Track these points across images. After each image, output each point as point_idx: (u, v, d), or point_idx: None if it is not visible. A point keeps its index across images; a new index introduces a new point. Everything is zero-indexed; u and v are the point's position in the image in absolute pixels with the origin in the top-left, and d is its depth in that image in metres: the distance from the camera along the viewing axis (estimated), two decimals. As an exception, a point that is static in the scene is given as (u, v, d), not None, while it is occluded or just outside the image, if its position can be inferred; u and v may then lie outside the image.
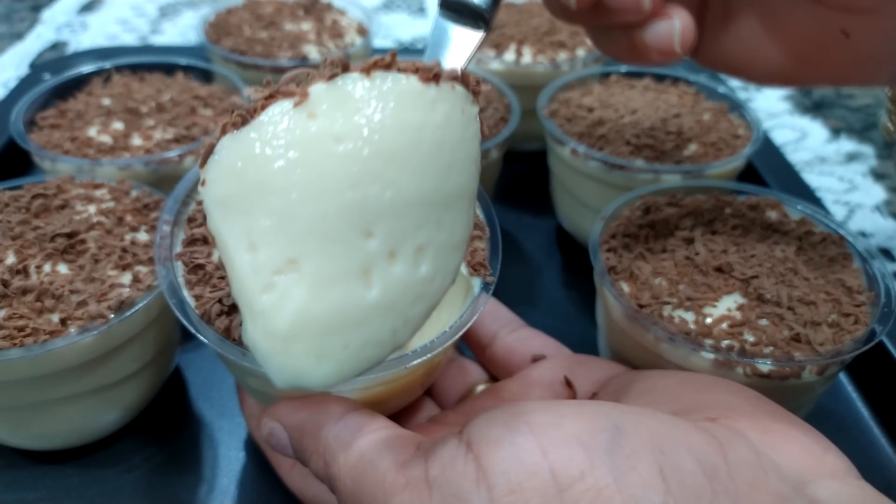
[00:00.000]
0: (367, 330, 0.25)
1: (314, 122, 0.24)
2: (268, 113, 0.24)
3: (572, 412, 0.27)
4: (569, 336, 0.43)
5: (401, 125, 0.24)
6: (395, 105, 0.24)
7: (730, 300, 0.41)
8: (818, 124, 0.87)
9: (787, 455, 0.27)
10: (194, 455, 0.45)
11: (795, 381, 0.38)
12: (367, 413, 0.31)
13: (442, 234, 0.26)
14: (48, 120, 0.58)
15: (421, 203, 0.25)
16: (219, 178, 0.25)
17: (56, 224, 0.42)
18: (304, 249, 0.24)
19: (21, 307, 0.37)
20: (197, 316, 0.32)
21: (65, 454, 0.44)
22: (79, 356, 0.38)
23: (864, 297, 0.41)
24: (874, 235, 0.68)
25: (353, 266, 0.24)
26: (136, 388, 0.44)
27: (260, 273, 0.24)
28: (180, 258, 0.34)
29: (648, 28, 0.38)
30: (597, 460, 0.24)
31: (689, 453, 0.25)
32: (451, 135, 0.26)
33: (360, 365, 0.26)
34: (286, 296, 0.24)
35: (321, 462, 0.30)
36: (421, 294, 0.26)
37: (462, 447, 0.26)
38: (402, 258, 0.25)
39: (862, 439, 0.47)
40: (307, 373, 0.25)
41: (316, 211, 0.24)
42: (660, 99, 0.62)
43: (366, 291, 0.25)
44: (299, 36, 0.73)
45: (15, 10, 1.09)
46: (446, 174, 0.26)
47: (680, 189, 0.51)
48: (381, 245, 0.24)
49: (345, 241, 0.24)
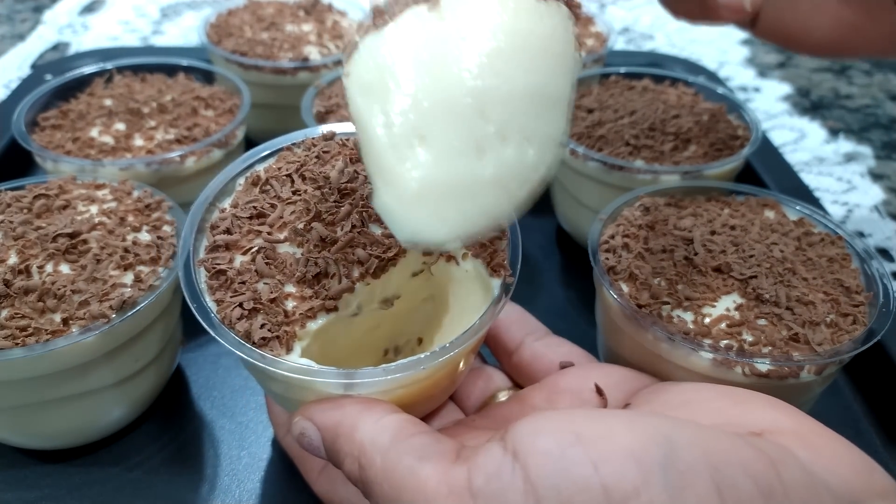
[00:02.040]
0: (481, 200, 0.29)
1: (444, 23, 0.28)
2: (405, 14, 0.29)
3: (622, 423, 0.26)
4: (568, 336, 0.43)
5: (515, 29, 0.28)
6: (511, 12, 0.28)
7: (728, 300, 0.41)
8: (816, 125, 0.87)
9: (837, 474, 0.26)
10: (196, 454, 0.45)
11: (794, 380, 0.38)
12: (405, 416, 0.30)
13: (544, 128, 0.30)
14: (50, 120, 0.58)
15: (529, 97, 0.29)
16: (362, 68, 0.29)
17: (58, 224, 0.42)
18: (432, 126, 0.28)
19: (23, 307, 0.38)
20: (218, 320, 0.33)
21: (67, 453, 0.44)
22: (80, 356, 0.38)
23: (862, 298, 0.41)
24: (872, 235, 0.68)
25: (472, 143, 0.28)
26: (138, 388, 0.44)
27: (394, 145, 0.28)
28: (202, 264, 0.35)
29: None
30: (651, 476, 0.23)
31: (744, 471, 0.24)
32: (554, 45, 0.30)
33: (472, 230, 0.29)
34: (416, 164, 0.28)
35: (356, 465, 0.29)
36: (526, 178, 0.29)
37: (508, 457, 0.25)
38: (512, 143, 0.28)
39: (859, 440, 0.47)
40: (429, 230, 0.29)
41: (443, 95, 0.27)
42: (659, 100, 0.63)
43: (482, 166, 0.28)
44: (300, 37, 0.73)
45: (17, 11, 1.10)
46: (549, 77, 0.29)
47: (679, 189, 0.51)
48: (495, 128, 0.28)
49: (466, 121, 0.28)
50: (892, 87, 0.96)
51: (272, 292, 0.33)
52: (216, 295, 0.34)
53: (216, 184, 0.38)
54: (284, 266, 0.34)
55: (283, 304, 0.33)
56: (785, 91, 0.95)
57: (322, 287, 0.33)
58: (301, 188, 0.37)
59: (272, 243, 0.35)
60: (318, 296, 0.33)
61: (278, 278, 0.34)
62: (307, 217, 0.35)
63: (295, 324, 0.32)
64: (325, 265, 0.33)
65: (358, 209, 0.35)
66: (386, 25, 0.29)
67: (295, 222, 0.35)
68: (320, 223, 0.35)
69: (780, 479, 0.24)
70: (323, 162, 0.38)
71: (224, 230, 0.36)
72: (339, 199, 0.36)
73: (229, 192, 0.39)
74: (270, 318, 0.32)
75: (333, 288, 0.33)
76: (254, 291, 0.33)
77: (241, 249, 0.35)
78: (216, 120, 0.60)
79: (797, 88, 0.96)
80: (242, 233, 0.36)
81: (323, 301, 0.33)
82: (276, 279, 0.34)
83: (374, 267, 0.34)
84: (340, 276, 0.33)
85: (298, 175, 0.38)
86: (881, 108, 0.91)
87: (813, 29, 0.43)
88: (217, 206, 0.38)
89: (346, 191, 0.36)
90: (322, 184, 0.37)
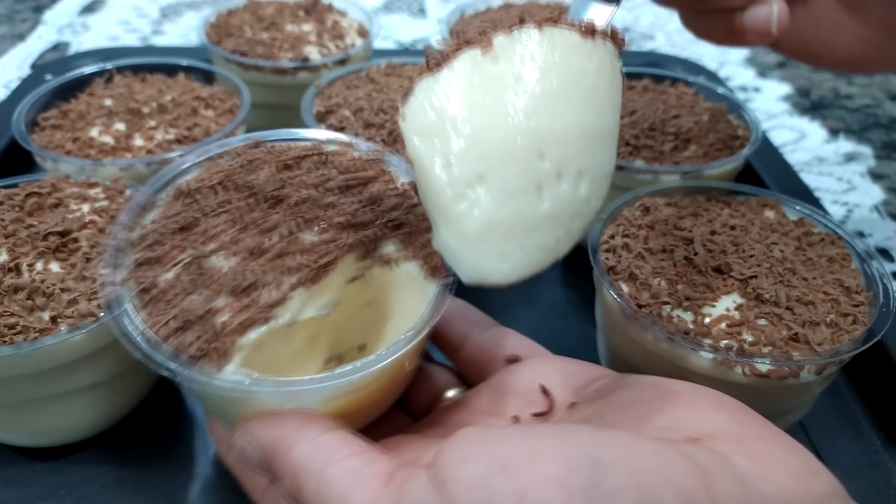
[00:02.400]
0: (539, 235, 0.29)
1: (498, 65, 0.29)
2: (459, 58, 0.29)
3: (550, 445, 0.26)
4: (568, 336, 0.43)
5: (566, 68, 0.29)
6: (562, 52, 0.29)
7: (728, 300, 0.41)
8: (816, 125, 0.87)
9: (774, 481, 0.26)
10: (190, 451, 0.45)
11: (794, 380, 0.38)
12: (341, 434, 0.30)
13: (596, 163, 0.31)
14: (50, 120, 0.58)
15: (581, 134, 0.30)
16: (418, 111, 0.29)
17: (49, 222, 0.42)
18: (491, 166, 0.29)
19: (12, 305, 0.38)
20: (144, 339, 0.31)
21: (64, 451, 0.44)
22: (69, 354, 0.38)
23: (862, 298, 0.41)
24: (872, 235, 0.68)
25: (529, 181, 0.29)
26: (129, 386, 0.44)
27: (454, 185, 0.29)
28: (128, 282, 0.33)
29: (748, 12, 0.43)
30: (576, 502, 0.23)
31: (671, 491, 0.24)
32: (602, 81, 0.31)
33: (532, 267, 0.30)
34: (476, 204, 0.29)
35: (294, 485, 0.29)
36: (579, 211, 0.30)
37: (433, 487, 0.25)
38: (566, 178, 0.29)
39: (859, 440, 0.47)
40: (491, 269, 0.29)
41: (500, 135, 0.28)
42: (659, 99, 0.63)
43: (539, 203, 0.29)
44: (300, 37, 0.73)
45: (17, 11, 1.10)
46: (599, 113, 0.30)
47: (679, 189, 0.51)
48: (551, 166, 0.29)
49: (523, 160, 0.29)
50: (892, 87, 0.96)
51: (203, 306, 0.32)
52: (144, 312, 0.32)
53: (136, 201, 0.37)
54: (214, 279, 0.32)
55: (215, 318, 0.31)
56: (785, 91, 0.95)
57: (254, 299, 0.32)
58: (228, 198, 0.36)
59: (200, 257, 0.33)
60: (251, 307, 0.32)
61: (208, 292, 0.32)
62: (236, 227, 0.34)
63: (228, 337, 0.31)
64: (258, 275, 0.32)
65: (288, 217, 0.34)
66: (441, 69, 0.29)
67: (223, 233, 0.34)
68: (250, 233, 0.34)
69: (710, 494, 0.24)
70: (249, 171, 0.37)
71: (148, 245, 0.34)
72: (269, 209, 0.35)
73: (152, 208, 0.37)
74: (202, 334, 0.31)
75: (266, 299, 0.32)
76: (182, 308, 0.31)
77: (168, 264, 0.33)
78: (216, 120, 0.60)
79: (797, 88, 0.96)
80: (169, 247, 0.34)
81: (257, 312, 0.32)
82: (206, 293, 0.32)
83: (308, 275, 0.33)
84: (274, 285, 0.32)
85: (223, 186, 0.36)
86: (881, 107, 0.91)
87: (835, 46, 0.44)
88: (139, 223, 0.36)
89: (275, 199, 0.35)
90: (249, 193, 0.36)
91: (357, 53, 0.73)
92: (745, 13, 0.43)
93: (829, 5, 0.44)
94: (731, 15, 0.44)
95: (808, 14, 0.45)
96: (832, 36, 0.44)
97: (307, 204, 0.36)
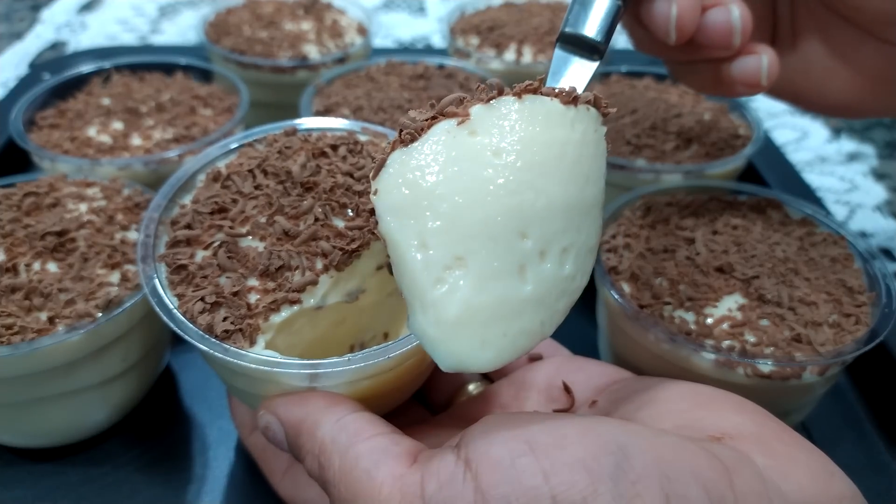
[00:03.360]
0: (523, 320, 0.28)
1: (475, 138, 0.27)
2: (434, 131, 0.28)
3: (576, 432, 0.26)
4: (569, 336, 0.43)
5: (548, 140, 0.28)
6: (543, 123, 0.28)
7: (731, 300, 0.41)
8: (819, 124, 0.87)
9: (794, 481, 0.26)
10: (187, 453, 0.45)
11: (796, 381, 0.38)
12: (367, 415, 0.30)
13: (581, 237, 0.29)
14: (48, 120, 0.58)
15: (566, 209, 0.28)
16: (392, 187, 0.28)
17: (47, 222, 0.42)
18: (470, 248, 0.27)
19: (9, 305, 0.37)
20: (179, 315, 0.32)
21: (61, 452, 0.44)
22: (67, 354, 0.38)
23: (865, 298, 0.41)
24: (875, 235, 0.68)
25: (511, 263, 0.27)
26: (126, 387, 0.44)
27: (431, 268, 0.27)
28: (163, 259, 0.35)
29: (737, 62, 0.41)
30: (600, 486, 0.24)
31: (695, 481, 0.24)
32: (586, 150, 0.29)
33: (516, 352, 0.28)
34: (454, 288, 0.27)
35: (315, 463, 0.29)
36: (564, 290, 0.29)
37: (461, 465, 0.26)
38: (550, 257, 0.28)
39: (862, 441, 0.47)
40: (471, 357, 0.27)
41: (480, 214, 0.27)
42: (660, 99, 0.62)
43: (522, 286, 0.27)
44: (299, 35, 0.73)
45: (14, 10, 1.09)
46: (584, 184, 0.29)
47: (681, 189, 0.51)
48: (534, 245, 0.27)
49: (504, 240, 0.27)
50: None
51: (234, 286, 0.33)
52: (177, 290, 0.34)
53: (175, 180, 0.38)
54: (247, 260, 0.34)
55: (246, 298, 0.33)
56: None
57: (285, 280, 0.33)
58: (263, 183, 0.37)
59: (234, 237, 0.35)
60: (281, 289, 0.33)
61: (240, 272, 0.33)
62: (269, 211, 0.35)
63: (258, 317, 0.32)
64: (288, 258, 0.33)
65: (321, 203, 0.35)
66: (415, 141, 0.28)
67: (257, 216, 0.35)
68: (283, 217, 0.35)
69: (732, 487, 0.25)
70: (285, 157, 0.38)
71: (185, 225, 0.36)
72: (302, 194, 0.36)
73: (189, 189, 0.39)
74: (233, 312, 0.32)
75: (297, 280, 0.33)
76: (216, 285, 0.33)
77: (203, 244, 0.35)
78: (214, 119, 0.60)
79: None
80: (204, 228, 0.36)
81: (286, 294, 0.33)
82: (238, 273, 0.33)
83: (338, 259, 0.34)
84: (304, 268, 0.33)
85: (260, 170, 0.37)
86: None
87: (827, 93, 0.43)
88: (177, 203, 0.38)
89: (308, 185, 0.36)
90: (284, 178, 0.37)
91: (356, 52, 0.73)
92: (733, 63, 0.41)
93: (820, 54, 0.43)
94: (719, 65, 0.42)
95: (799, 62, 0.43)
96: (824, 83, 0.43)
97: (339, 190, 0.36)
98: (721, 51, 0.40)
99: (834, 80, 0.42)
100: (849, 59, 0.41)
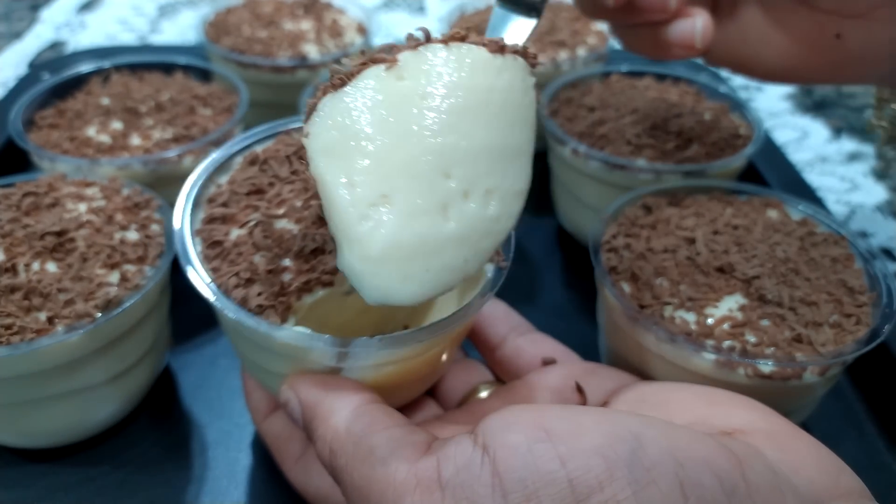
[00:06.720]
0: (445, 256, 0.29)
1: (403, 83, 0.29)
2: (363, 76, 0.29)
3: (592, 420, 0.26)
4: (569, 337, 0.43)
5: (473, 86, 0.29)
6: (469, 70, 0.29)
7: (731, 301, 0.41)
8: (819, 124, 0.87)
9: (804, 475, 0.27)
10: (188, 453, 0.45)
11: (797, 381, 0.38)
12: (383, 408, 0.31)
13: (507, 182, 0.30)
14: (47, 119, 0.58)
15: (490, 153, 0.29)
16: (323, 130, 0.29)
17: (46, 222, 0.42)
18: (395, 186, 0.28)
19: (9, 305, 0.37)
20: (215, 286, 0.33)
21: (61, 453, 0.44)
22: (66, 355, 0.38)
23: (865, 298, 0.41)
24: (875, 235, 0.68)
25: (434, 201, 0.28)
26: (125, 388, 0.44)
27: (357, 206, 0.28)
28: (199, 234, 0.36)
29: (672, 26, 0.43)
30: (616, 472, 0.24)
31: (708, 469, 0.25)
32: (513, 98, 0.30)
33: (438, 287, 0.29)
34: (379, 224, 0.28)
35: (326, 449, 0.30)
36: (489, 231, 0.30)
37: (478, 450, 0.26)
38: (474, 197, 0.29)
39: (863, 442, 0.47)
40: (395, 290, 0.28)
41: (405, 154, 0.28)
42: (661, 98, 0.62)
43: (445, 223, 0.28)
44: (299, 35, 0.73)
45: (14, 10, 1.09)
46: (509, 131, 0.30)
47: (681, 189, 0.51)
48: (457, 185, 0.28)
49: (428, 179, 0.28)
50: (894, 86, 0.95)
51: (269, 264, 0.34)
52: (212, 264, 0.34)
53: (214, 160, 0.39)
54: (282, 240, 0.34)
55: (280, 276, 0.33)
56: (787, 90, 0.94)
57: (319, 262, 0.34)
58: (299, 169, 0.38)
59: (270, 218, 0.35)
60: (314, 270, 0.33)
61: (275, 251, 0.34)
62: (306, 195, 0.36)
63: (291, 295, 0.33)
64: (323, 241, 0.34)
65: None
66: (345, 86, 0.29)
67: (293, 200, 0.36)
68: (318, 202, 0.35)
69: (744, 477, 0.25)
70: None
71: (221, 203, 0.37)
72: None
73: (226, 170, 0.40)
74: (267, 288, 0.33)
75: (330, 263, 0.33)
76: (250, 263, 0.34)
77: (239, 223, 0.36)
78: (214, 119, 0.60)
79: (799, 87, 0.95)
80: (240, 207, 0.36)
81: (319, 275, 0.33)
82: (273, 252, 0.34)
83: None
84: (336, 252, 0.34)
85: (297, 156, 0.38)
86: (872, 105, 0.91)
87: (764, 59, 0.45)
88: (214, 182, 0.39)
89: None
90: None
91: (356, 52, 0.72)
92: (669, 27, 0.43)
93: (756, 20, 0.44)
94: (657, 29, 0.44)
95: (737, 28, 0.45)
96: (761, 49, 0.44)
97: None
98: (657, 13, 0.43)
99: (770, 46, 0.44)
100: (783, 26, 0.43)
